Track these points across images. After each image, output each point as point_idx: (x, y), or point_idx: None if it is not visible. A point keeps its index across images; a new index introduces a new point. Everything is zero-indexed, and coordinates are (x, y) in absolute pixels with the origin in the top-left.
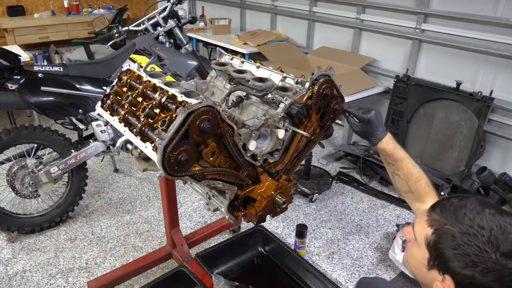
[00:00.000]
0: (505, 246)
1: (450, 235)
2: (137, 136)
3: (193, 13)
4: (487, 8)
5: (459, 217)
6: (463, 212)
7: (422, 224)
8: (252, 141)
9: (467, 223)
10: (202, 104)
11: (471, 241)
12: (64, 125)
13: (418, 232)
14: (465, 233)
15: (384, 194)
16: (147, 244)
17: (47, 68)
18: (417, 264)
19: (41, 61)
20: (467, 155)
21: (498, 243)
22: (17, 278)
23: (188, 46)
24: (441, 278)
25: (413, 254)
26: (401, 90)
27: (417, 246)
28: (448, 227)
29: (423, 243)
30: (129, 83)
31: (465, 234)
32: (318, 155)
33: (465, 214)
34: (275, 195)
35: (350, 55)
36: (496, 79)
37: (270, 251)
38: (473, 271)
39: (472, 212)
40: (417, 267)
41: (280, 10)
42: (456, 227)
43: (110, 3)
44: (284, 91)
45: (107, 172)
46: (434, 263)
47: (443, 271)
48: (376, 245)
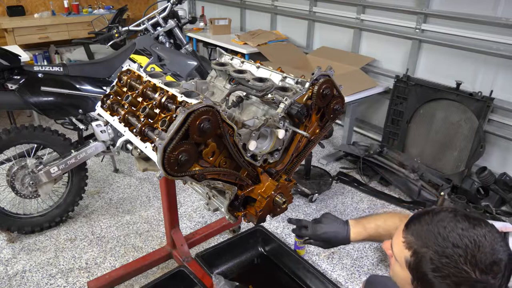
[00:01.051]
0: (482, 263)
1: (428, 258)
2: (137, 136)
3: (193, 13)
4: (487, 8)
5: (432, 239)
6: (436, 232)
7: (400, 246)
8: (252, 141)
9: (442, 244)
10: (202, 104)
11: (449, 263)
12: (64, 125)
13: (397, 252)
14: (442, 256)
15: (384, 194)
16: (147, 244)
17: (47, 68)
18: (403, 283)
19: (41, 61)
20: (467, 155)
21: (476, 260)
22: (17, 278)
23: (188, 46)
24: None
25: (397, 273)
26: (401, 90)
27: (399, 266)
28: (425, 250)
29: (404, 265)
30: (129, 83)
31: (442, 256)
32: (318, 155)
33: (439, 234)
34: (275, 195)
35: (350, 55)
36: (496, 79)
37: (270, 251)
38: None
39: (446, 230)
40: (404, 285)
41: (280, 10)
42: (431, 249)
43: (110, 3)
44: (284, 91)
45: (107, 172)
46: (418, 284)
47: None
48: (376, 245)
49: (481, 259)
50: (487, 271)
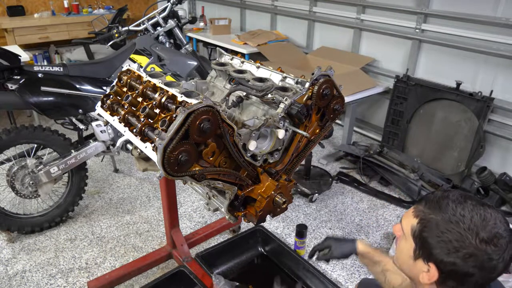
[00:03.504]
0: (484, 233)
1: (434, 223)
2: (137, 136)
3: (193, 13)
4: (487, 8)
5: (442, 207)
6: (445, 202)
7: (409, 217)
8: (252, 141)
9: (450, 212)
10: (202, 104)
11: (453, 228)
12: (64, 125)
13: (405, 225)
14: (447, 221)
15: (384, 194)
16: (147, 244)
17: (47, 68)
18: (404, 257)
19: (41, 61)
20: (467, 155)
21: (478, 230)
22: (17, 278)
23: (188, 46)
24: (426, 268)
25: (401, 248)
26: (401, 90)
27: (405, 239)
28: (432, 216)
29: (410, 234)
30: (129, 83)
31: (447, 222)
32: (318, 155)
33: (448, 204)
34: (275, 195)
35: (350, 55)
36: (496, 79)
37: (270, 251)
38: (455, 257)
39: (455, 202)
40: (404, 260)
41: (280, 10)
42: (439, 216)
43: (110, 3)
44: (284, 91)
45: (107, 172)
46: (419, 253)
47: (428, 260)
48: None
49: (483, 229)
50: (487, 241)
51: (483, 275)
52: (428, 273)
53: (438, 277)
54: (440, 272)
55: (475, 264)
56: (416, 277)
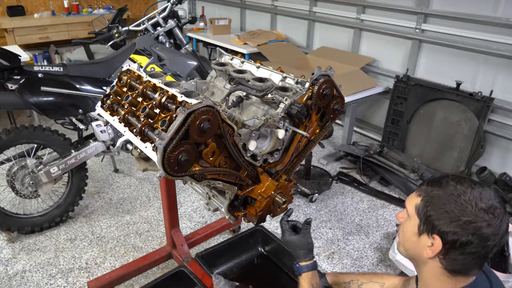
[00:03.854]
0: (483, 203)
1: (436, 197)
2: (137, 136)
3: (193, 13)
4: (487, 8)
5: (443, 184)
6: (446, 181)
7: (412, 198)
8: (252, 141)
9: (451, 188)
10: (202, 104)
11: (455, 200)
12: (64, 125)
13: (409, 206)
14: (449, 194)
15: (384, 194)
16: (147, 244)
17: (47, 68)
18: (408, 235)
19: (41, 61)
20: (467, 155)
21: (477, 201)
22: (17, 278)
23: (188, 46)
24: (430, 242)
25: (405, 228)
26: (401, 90)
27: (409, 219)
28: (435, 192)
29: (414, 212)
30: (129, 83)
31: (450, 195)
32: (318, 155)
33: (448, 182)
34: (275, 195)
35: (350, 55)
36: (496, 79)
37: (270, 251)
38: (455, 226)
39: (454, 180)
40: (409, 238)
41: (280, 10)
42: (441, 191)
43: (110, 3)
44: (284, 91)
45: (107, 172)
46: (423, 228)
47: (431, 232)
48: (376, 245)
49: (482, 201)
50: (486, 210)
51: (481, 243)
52: (432, 246)
53: (441, 248)
54: (443, 243)
55: (474, 231)
56: (421, 254)
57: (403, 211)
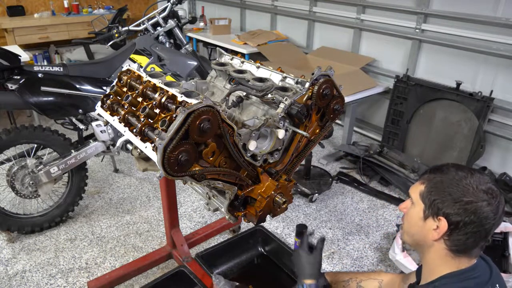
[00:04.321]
0: (482, 185)
1: (439, 182)
2: (137, 136)
3: (193, 13)
4: (487, 8)
5: (445, 170)
6: (447, 167)
7: (416, 186)
8: (252, 141)
9: (453, 173)
10: (202, 104)
11: (457, 183)
12: (64, 125)
13: (413, 194)
14: (451, 179)
15: (384, 194)
16: (147, 244)
17: (47, 68)
18: (414, 221)
19: (41, 61)
20: (467, 155)
21: (477, 184)
22: (17, 278)
23: (188, 46)
24: (435, 225)
25: (410, 215)
26: (401, 90)
27: (414, 206)
28: (437, 178)
29: (418, 198)
30: (129, 83)
31: (451, 179)
32: (318, 155)
33: (449, 168)
34: (275, 195)
35: (350, 55)
36: (496, 79)
37: (270, 251)
38: (458, 207)
39: (455, 166)
40: (414, 223)
41: (280, 10)
42: (444, 176)
43: (110, 3)
44: (284, 91)
45: (107, 172)
46: (429, 211)
47: (436, 214)
48: (376, 245)
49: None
50: (485, 191)
51: (482, 222)
52: (438, 229)
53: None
54: (449, 224)
55: (475, 210)
56: (426, 237)
57: (407, 201)
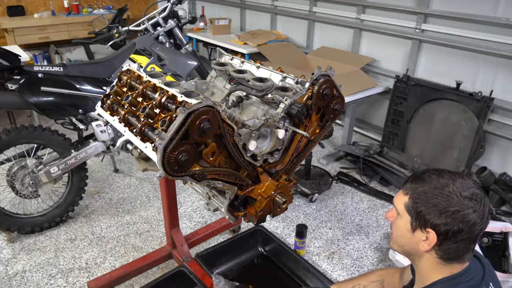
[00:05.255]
0: (465, 192)
1: (422, 193)
2: (137, 136)
3: (193, 13)
4: (487, 8)
5: (426, 179)
6: (428, 175)
7: (399, 197)
8: (252, 141)
9: (434, 181)
10: (202, 104)
11: (440, 192)
12: (64, 125)
13: (398, 205)
14: (434, 188)
15: (384, 194)
16: (147, 244)
17: (47, 68)
18: (402, 232)
19: (41, 61)
20: (467, 155)
21: (460, 191)
22: (17, 278)
23: (188, 46)
24: (424, 236)
25: (398, 226)
26: (401, 90)
27: (400, 217)
28: (420, 188)
29: (404, 210)
30: (129, 83)
31: (434, 188)
32: (318, 155)
33: (430, 176)
34: (275, 195)
35: (350, 55)
36: (496, 79)
37: (270, 251)
38: (445, 217)
39: (435, 173)
40: (403, 235)
41: (280, 10)
42: (426, 186)
43: (110, 3)
44: (284, 91)
45: (107, 172)
46: (416, 223)
47: (424, 226)
48: (376, 245)
49: (464, 190)
50: (469, 197)
51: (470, 229)
52: (427, 240)
53: (436, 240)
54: (437, 235)
55: (462, 218)
56: (416, 248)
57: (392, 209)
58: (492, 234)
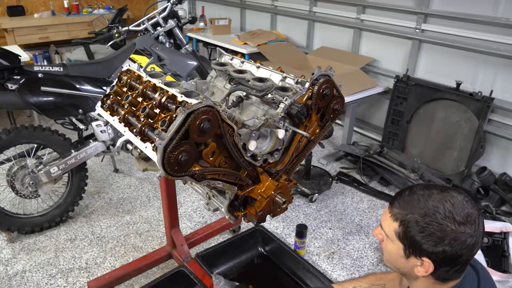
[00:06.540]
0: (459, 216)
1: (413, 222)
2: (137, 136)
3: (193, 13)
4: (487, 8)
5: (415, 204)
6: (416, 199)
7: (388, 221)
8: (252, 141)
9: (423, 206)
10: (202, 104)
11: (432, 221)
12: (64, 125)
13: (387, 229)
14: (425, 216)
15: (384, 194)
16: (147, 244)
17: (47, 68)
18: (395, 257)
19: (41, 61)
20: (467, 155)
21: (453, 215)
22: (17, 278)
23: (188, 46)
24: (419, 262)
25: (389, 250)
26: (401, 90)
27: (391, 241)
28: (410, 216)
29: (395, 237)
30: (129, 83)
31: (425, 216)
32: (318, 155)
33: (419, 200)
34: (275, 195)
35: (350, 55)
36: (496, 79)
37: (270, 251)
38: (442, 245)
39: (424, 196)
40: (396, 259)
41: (280, 10)
42: (416, 213)
43: (110, 3)
44: (284, 91)
45: (107, 172)
46: (410, 251)
47: (419, 255)
48: (376, 245)
49: (456, 213)
50: (463, 221)
51: (469, 252)
52: (423, 266)
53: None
54: (434, 263)
55: (461, 245)
56: (412, 271)
57: (378, 228)
58: (492, 234)
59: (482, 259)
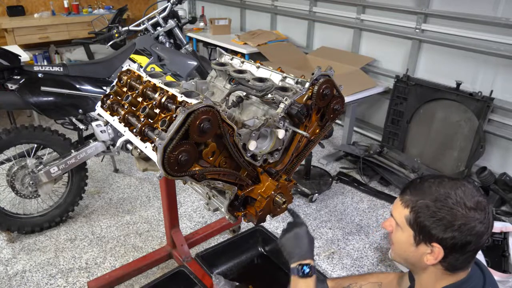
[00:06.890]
0: (470, 202)
1: (424, 207)
2: (137, 136)
3: (193, 13)
4: (487, 8)
5: (426, 190)
6: (427, 186)
7: (399, 209)
8: (252, 141)
9: (434, 192)
10: (202, 104)
11: (443, 206)
12: (64, 125)
13: (398, 217)
14: (436, 201)
15: (384, 194)
16: (147, 244)
17: (47, 68)
18: (405, 246)
19: (41, 61)
20: (467, 155)
21: (464, 201)
22: (17, 278)
23: (188, 46)
24: (429, 249)
25: (399, 239)
26: (401, 90)
27: (401, 230)
28: (421, 201)
29: (405, 224)
30: (129, 83)
31: (436, 201)
32: (318, 155)
33: (430, 186)
34: (275, 195)
35: (350, 55)
36: (496, 79)
37: (270, 251)
38: (452, 231)
39: (434, 183)
40: (406, 249)
41: (280, 10)
42: (427, 199)
43: (110, 3)
44: (284, 91)
45: (107, 172)
46: (420, 238)
47: (429, 241)
48: (376, 245)
49: (468, 199)
50: (474, 207)
51: (478, 240)
52: (432, 254)
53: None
54: (444, 249)
55: (470, 231)
56: (421, 260)
57: (389, 219)
58: (492, 234)
59: (482, 259)
